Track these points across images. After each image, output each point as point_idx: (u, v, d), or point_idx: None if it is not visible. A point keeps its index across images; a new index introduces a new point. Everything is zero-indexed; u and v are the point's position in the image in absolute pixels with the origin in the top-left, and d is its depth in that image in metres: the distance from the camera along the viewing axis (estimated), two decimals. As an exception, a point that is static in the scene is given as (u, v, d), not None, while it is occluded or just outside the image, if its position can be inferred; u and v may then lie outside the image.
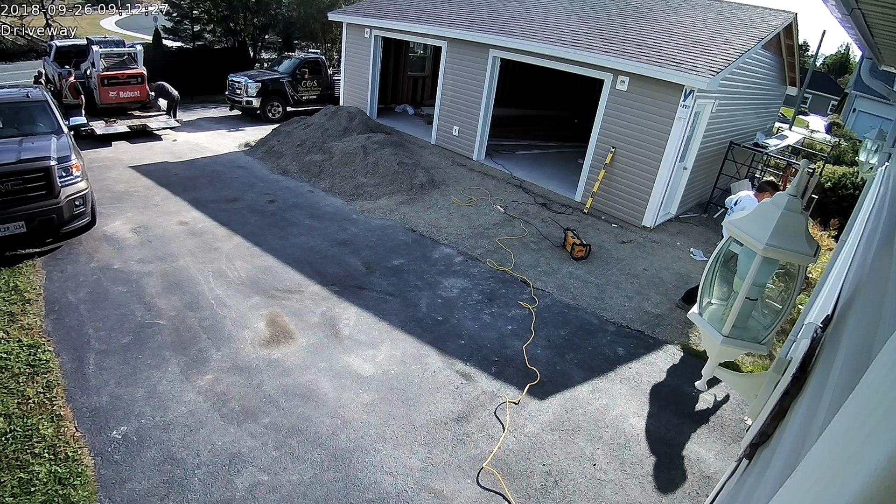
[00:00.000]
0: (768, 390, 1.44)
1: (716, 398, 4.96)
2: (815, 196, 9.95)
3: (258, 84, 13.67)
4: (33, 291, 5.44)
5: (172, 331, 5.05)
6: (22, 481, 3.40)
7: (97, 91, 11.44)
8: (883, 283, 1.04)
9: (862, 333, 0.95)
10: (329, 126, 11.38)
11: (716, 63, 7.68)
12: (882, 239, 1.52)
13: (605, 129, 8.83)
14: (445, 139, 11.57)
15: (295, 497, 3.52)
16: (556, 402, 4.66)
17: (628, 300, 6.47)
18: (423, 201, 8.92)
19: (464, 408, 4.46)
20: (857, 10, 2.19)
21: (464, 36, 10.36)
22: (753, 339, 1.48)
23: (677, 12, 10.09)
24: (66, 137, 6.71)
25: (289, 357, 4.86)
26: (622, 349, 5.53)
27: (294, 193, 8.95)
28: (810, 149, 15.52)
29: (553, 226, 8.35)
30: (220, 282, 5.96)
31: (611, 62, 8.32)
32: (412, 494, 3.62)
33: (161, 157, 10.17)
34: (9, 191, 5.68)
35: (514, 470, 3.91)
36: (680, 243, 8.30)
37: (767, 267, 1.39)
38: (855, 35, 2.96)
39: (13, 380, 4.21)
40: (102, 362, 4.54)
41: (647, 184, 8.40)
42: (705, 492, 3.89)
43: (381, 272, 6.55)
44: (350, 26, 13.13)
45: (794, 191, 1.38)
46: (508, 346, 5.36)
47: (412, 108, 14.79)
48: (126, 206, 7.76)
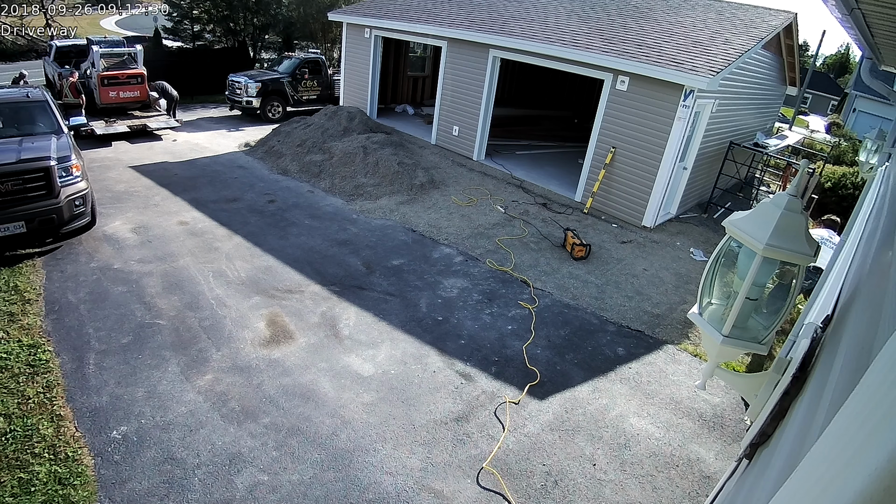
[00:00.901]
0: (768, 390, 1.44)
1: (716, 398, 4.96)
2: (815, 196, 9.94)
3: (258, 84, 13.67)
4: (33, 291, 5.45)
5: (172, 331, 5.05)
6: (22, 481, 3.40)
7: (97, 91, 11.45)
8: (883, 282, 1.04)
9: (862, 333, 0.95)
10: (329, 126, 11.38)
11: (716, 63, 7.68)
12: (882, 239, 1.52)
13: (605, 129, 8.83)
14: (445, 139, 11.57)
15: (295, 497, 3.52)
16: (556, 402, 4.66)
17: (628, 300, 6.47)
18: (423, 201, 8.92)
19: (464, 408, 4.46)
20: (857, 10, 2.19)
21: (464, 36, 10.36)
22: (753, 339, 1.48)
23: (677, 12, 10.09)
24: (66, 137, 6.71)
25: (289, 357, 4.86)
26: (622, 349, 5.53)
27: (294, 193, 8.96)
28: (810, 149, 15.52)
29: (553, 226, 8.35)
30: (220, 282, 5.96)
31: (611, 62, 8.32)
32: (412, 494, 3.63)
33: (161, 157, 10.17)
34: (9, 191, 5.68)
35: (514, 470, 3.91)
36: (680, 243, 8.30)
37: (767, 267, 1.39)
38: (855, 35, 2.96)
39: (13, 380, 4.21)
40: (102, 362, 4.54)
41: (647, 184, 8.40)
42: (705, 492, 3.89)
43: (381, 272, 6.55)
44: (350, 26, 13.13)
45: (794, 191, 1.37)
46: (508, 346, 5.36)
47: (412, 108, 14.79)
48: (126, 206, 7.76)
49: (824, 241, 5.97)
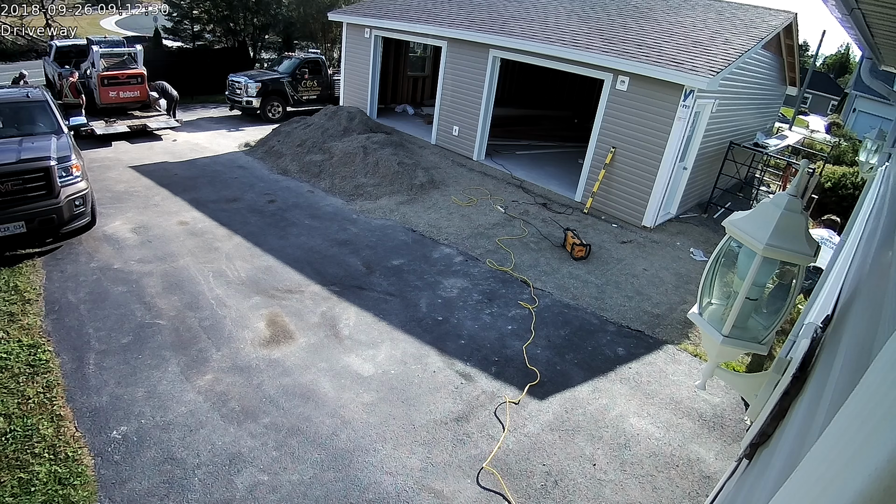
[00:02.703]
0: (768, 390, 1.44)
1: (716, 398, 4.96)
2: (815, 196, 9.95)
3: (258, 84, 13.67)
4: (33, 291, 5.45)
5: (172, 331, 5.05)
6: (22, 481, 3.40)
7: (97, 91, 11.45)
8: (883, 282, 1.04)
9: (862, 333, 0.95)
10: (329, 126, 11.38)
11: (716, 63, 7.68)
12: (882, 239, 1.52)
13: (605, 129, 8.83)
14: (445, 139, 11.57)
15: (295, 497, 3.52)
16: (556, 402, 4.66)
17: (628, 300, 6.47)
18: (423, 201, 8.92)
19: (464, 408, 4.46)
20: (857, 10, 2.19)
21: (464, 36, 10.36)
22: (753, 339, 1.48)
23: (677, 12, 10.09)
24: (66, 137, 6.71)
25: (289, 357, 4.86)
26: (622, 349, 5.53)
27: (294, 193, 8.96)
28: (810, 149, 15.52)
29: (553, 226, 8.35)
30: (220, 282, 5.96)
31: (611, 62, 8.32)
32: (412, 494, 3.63)
33: (161, 157, 10.17)
34: (9, 191, 5.68)
35: (514, 470, 3.91)
36: (680, 243, 8.30)
37: (767, 267, 1.39)
38: (855, 35, 2.96)
39: (13, 380, 4.21)
40: (102, 362, 4.54)
41: (647, 184, 8.40)
42: (705, 492, 3.89)
43: (381, 272, 6.55)
44: (350, 26, 13.13)
45: (794, 191, 1.37)
46: (508, 346, 5.36)
47: (412, 108, 14.79)
48: (126, 206, 7.76)
49: (824, 241, 5.97)
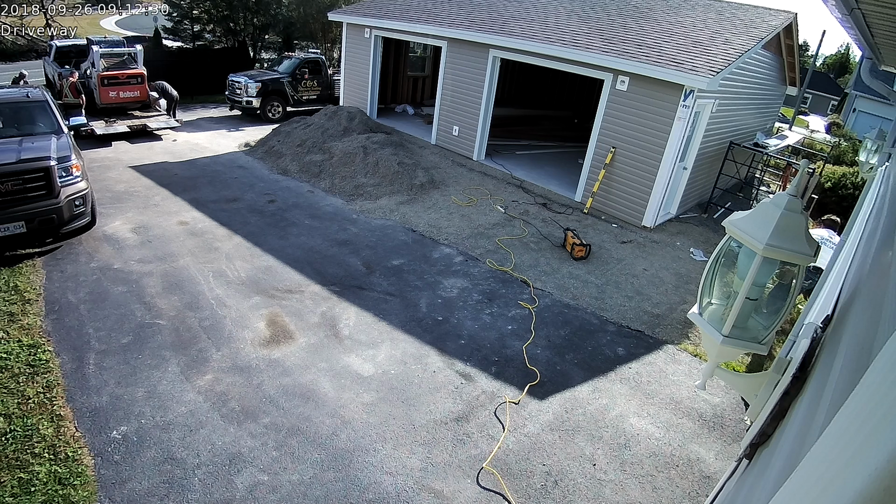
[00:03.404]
0: (768, 390, 1.44)
1: (716, 398, 4.96)
2: (815, 196, 9.95)
3: (258, 84, 13.67)
4: (33, 291, 5.45)
5: (172, 331, 5.05)
6: (22, 481, 3.40)
7: (97, 91, 11.45)
8: (883, 283, 1.04)
9: (862, 333, 0.95)
10: (329, 126, 11.38)
11: (716, 63, 7.68)
12: (882, 239, 1.52)
13: (605, 129, 8.83)
14: (445, 139, 11.57)
15: (295, 497, 3.52)
16: (556, 402, 4.66)
17: (628, 300, 6.47)
18: (423, 201, 8.92)
19: (464, 408, 4.46)
20: (857, 10, 2.19)
21: (464, 36, 10.36)
22: (753, 339, 1.48)
23: (677, 12, 10.09)
24: (66, 137, 6.71)
25: (289, 357, 4.86)
26: (622, 349, 5.53)
27: (294, 193, 8.96)
28: (810, 149, 15.52)
29: (553, 226, 8.35)
30: (220, 282, 5.96)
31: (611, 62, 8.32)
32: (412, 494, 3.63)
33: (161, 157, 10.17)
34: (9, 191, 5.68)
35: (514, 470, 3.91)
36: (680, 243, 8.30)
37: (767, 267, 1.39)
38: (855, 35, 2.96)
39: (13, 380, 4.21)
40: (102, 362, 4.54)
41: (646, 184, 8.40)
42: (705, 492, 3.89)
43: (381, 272, 6.55)
44: (350, 26, 13.13)
45: (794, 191, 1.37)
46: (508, 346, 5.36)
47: (412, 108, 14.79)
48: (126, 206, 7.76)
49: (824, 241, 5.98)
